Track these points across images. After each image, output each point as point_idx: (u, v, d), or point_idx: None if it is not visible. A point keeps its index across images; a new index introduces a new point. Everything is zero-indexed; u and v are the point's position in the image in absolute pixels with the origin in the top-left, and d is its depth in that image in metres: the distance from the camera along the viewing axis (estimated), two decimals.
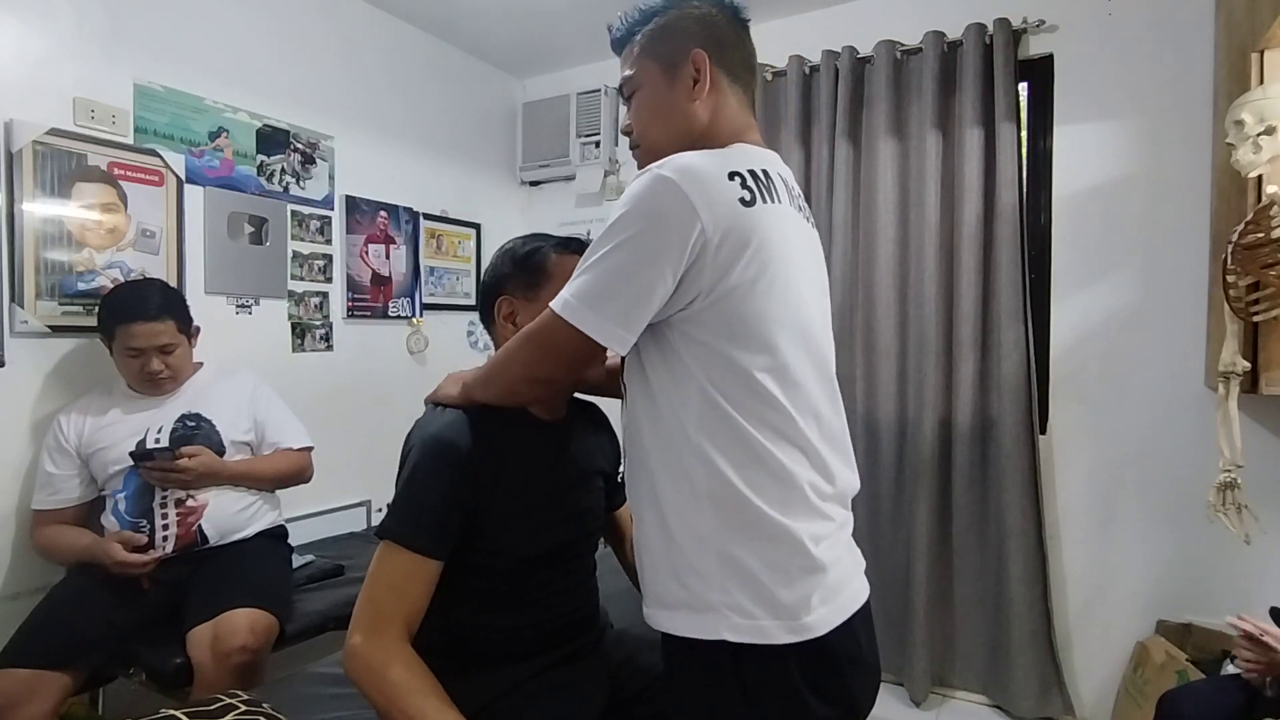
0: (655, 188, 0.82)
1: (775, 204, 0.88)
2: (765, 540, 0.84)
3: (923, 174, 2.35)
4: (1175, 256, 2.11)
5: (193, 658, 1.51)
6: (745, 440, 0.84)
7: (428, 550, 0.99)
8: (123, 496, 1.69)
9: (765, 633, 0.82)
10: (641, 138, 1.00)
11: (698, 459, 0.84)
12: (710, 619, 0.84)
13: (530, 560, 1.07)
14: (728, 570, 0.83)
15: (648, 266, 0.81)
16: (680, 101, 0.96)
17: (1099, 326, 2.22)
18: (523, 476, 1.06)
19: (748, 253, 0.82)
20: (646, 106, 0.99)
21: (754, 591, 0.83)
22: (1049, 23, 2.25)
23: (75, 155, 1.84)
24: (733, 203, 0.82)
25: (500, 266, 1.15)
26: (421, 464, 1.02)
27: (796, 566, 0.84)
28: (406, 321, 2.83)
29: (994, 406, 2.27)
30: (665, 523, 0.87)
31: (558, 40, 2.96)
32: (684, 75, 0.95)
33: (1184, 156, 2.09)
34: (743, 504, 0.83)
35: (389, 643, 0.95)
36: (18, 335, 1.76)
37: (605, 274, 0.83)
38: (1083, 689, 2.23)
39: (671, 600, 0.87)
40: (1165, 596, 2.12)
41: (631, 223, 0.82)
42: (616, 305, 0.82)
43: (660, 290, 0.82)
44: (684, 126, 0.96)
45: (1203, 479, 1.71)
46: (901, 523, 2.39)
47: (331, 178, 2.52)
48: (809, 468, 0.87)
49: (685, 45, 0.95)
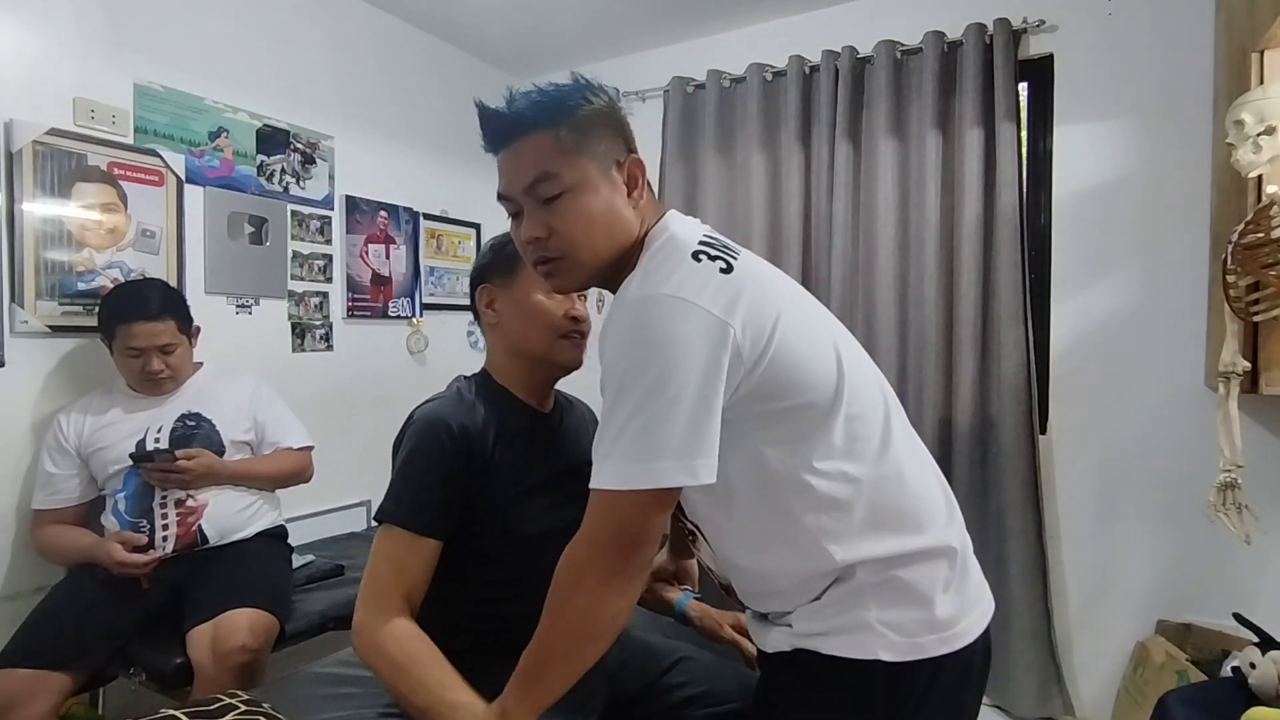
0: (655, 314, 0.76)
1: (739, 254, 0.85)
2: (915, 558, 0.83)
3: (923, 174, 2.35)
4: (1175, 256, 2.10)
5: (193, 658, 1.51)
6: (833, 501, 0.82)
7: (427, 530, 1.01)
8: (122, 496, 1.69)
9: (922, 648, 0.81)
10: (573, 248, 0.87)
11: (808, 537, 0.82)
12: (862, 638, 0.81)
13: (530, 540, 1.07)
14: (883, 589, 0.82)
15: (693, 391, 0.74)
16: (620, 208, 0.88)
17: (1099, 326, 2.22)
18: (519, 458, 1.08)
19: (763, 311, 0.79)
20: (584, 214, 0.86)
21: (910, 606, 0.82)
22: (1049, 23, 2.25)
23: (75, 155, 1.84)
24: (719, 278, 0.79)
25: (483, 259, 1.19)
26: (418, 446, 1.04)
27: (948, 588, 0.85)
28: (406, 321, 2.83)
29: (994, 406, 2.27)
30: (795, 571, 0.86)
31: (557, 40, 2.96)
32: (616, 179, 0.89)
33: (1184, 156, 2.09)
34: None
35: (391, 617, 0.98)
36: (18, 335, 1.76)
37: (659, 420, 0.74)
38: (1083, 689, 2.23)
39: (811, 625, 0.85)
40: (1165, 596, 2.12)
41: (652, 357, 0.75)
42: (688, 442, 0.75)
43: (718, 404, 0.76)
44: (624, 237, 0.88)
45: (1203, 479, 1.71)
46: None
47: (331, 178, 2.52)
48: (935, 481, 0.89)
49: (615, 147, 0.89)
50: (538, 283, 1.11)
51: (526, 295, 1.13)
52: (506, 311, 1.15)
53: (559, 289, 0.97)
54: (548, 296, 1.13)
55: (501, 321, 1.15)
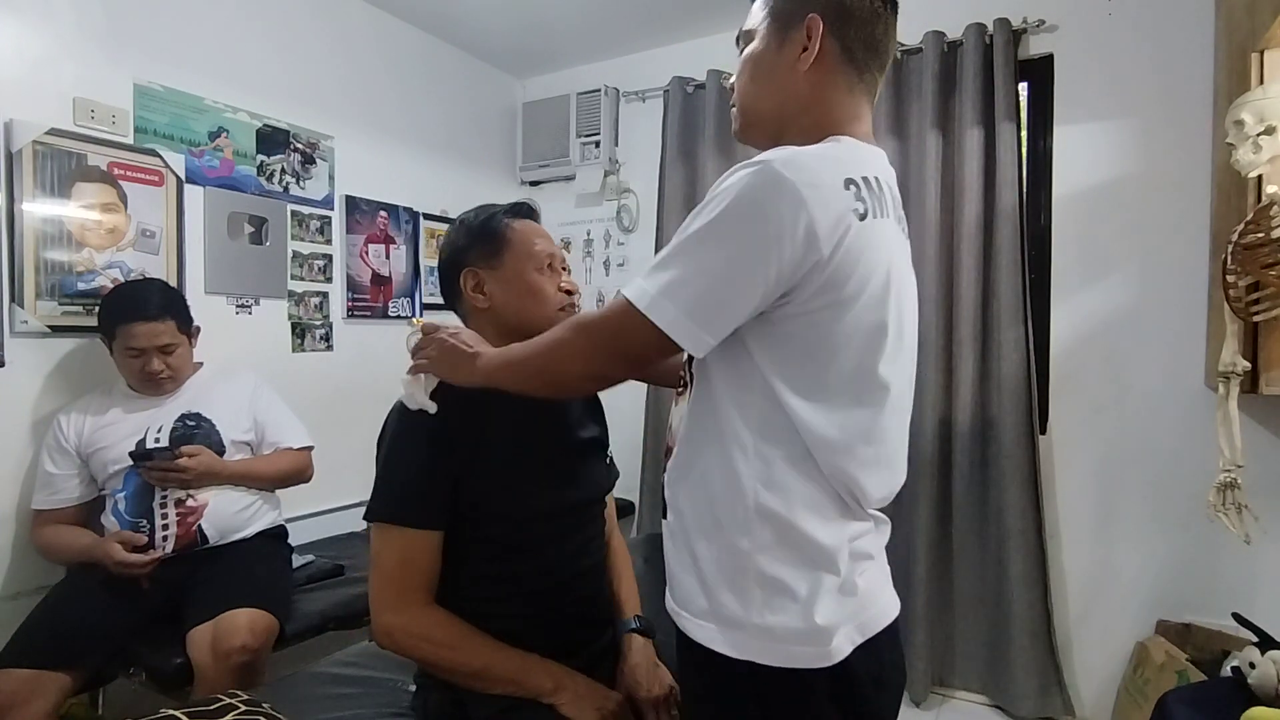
0: (769, 186, 0.72)
1: (884, 218, 0.80)
2: (808, 563, 0.79)
3: (922, 174, 2.35)
4: (1175, 256, 2.10)
5: (193, 658, 1.51)
6: (807, 453, 0.78)
7: (420, 522, 1.01)
8: (122, 496, 1.69)
9: (793, 657, 0.78)
10: (739, 95, 0.92)
11: (753, 466, 0.78)
12: (740, 637, 0.79)
13: (531, 523, 1.06)
14: (767, 592, 0.78)
15: (749, 274, 0.73)
16: (783, 67, 0.86)
17: (1099, 326, 2.22)
18: (509, 439, 1.06)
19: (852, 270, 0.75)
20: (750, 63, 0.90)
21: (788, 616, 0.78)
22: (1049, 23, 2.25)
23: (75, 155, 1.84)
24: (848, 214, 0.74)
25: (457, 240, 1.16)
26: (397, 439, 1.05)
27: (835, 591, 0.80)
28: (407, 321, 2.82)
29: (994, 406, 2.27)
30: (709, 525, 0.82)
31: (558, 40, 2.96)
32: (794, 39, 0.85)
33: (1184, 156, 2.09)
34: (792, 517, 0.78)
35: (420, 610, 1.00)
36: (18, 335, 1.76)
37: (698, 272, 0.74)
38: (1083, 689, 2.23)
39: (703, 609, 0.82)
40: (1165, 596, 2.12)
41: (737, 219, 0.73)
42: (706, 308, 0.74)
43: (757, 302, 0.74)
44: (781, 96, 0.87)
45: (1203, 479, 1.71)
46: (901, 523, 2.38)
47: (331, 178, 2.52)
48: (867, 491, 0.81)
49: (805, 7, 0.85)
50: (527, 260, 1.11)
51: (519, 275, 1.11)
52: (498, 293, 1.12)
53: (735, 135, 0.96)
54: (540, 272, 1.12)
55: (494, 305, 1.12)
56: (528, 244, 1.13)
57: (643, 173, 2.96)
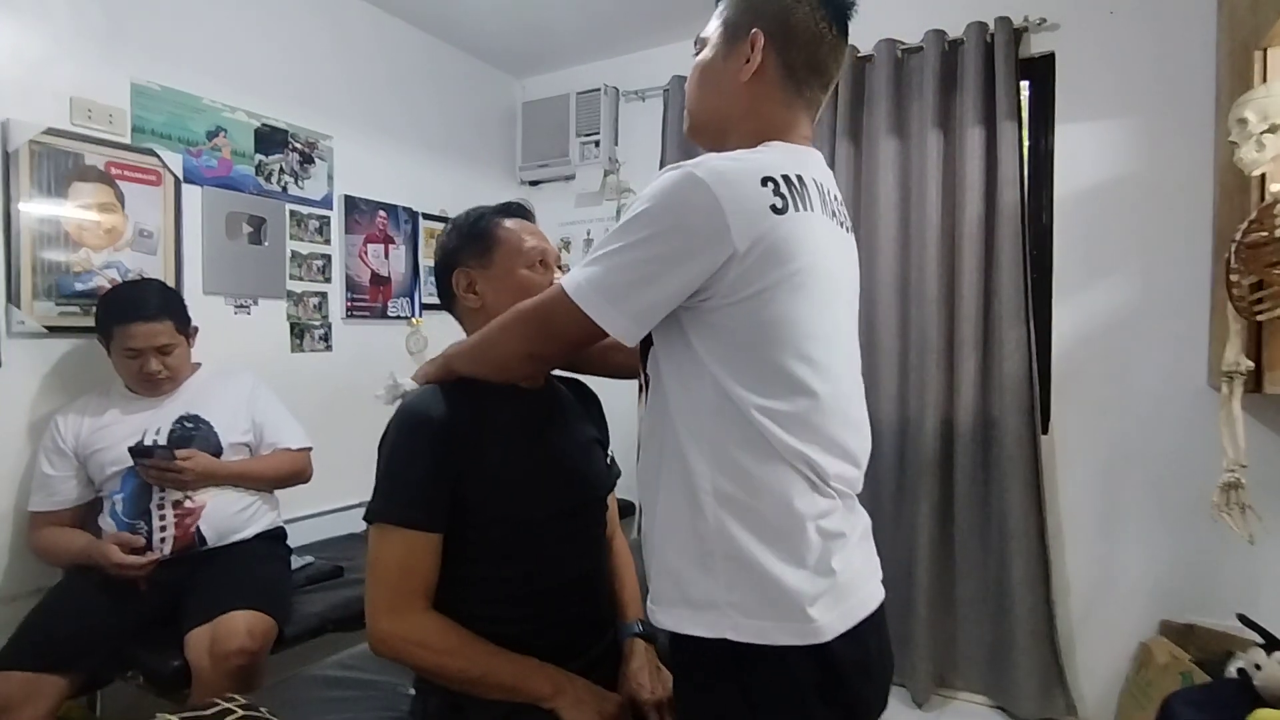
0: (686, 189, 0.79)
1: (807, 211, 0.84)
2: (772, 539, 0.81)
3: (924, 173, 2.34)
4: (1178, 256, 2.09)
5: (191, 660, 1.50)
6: (759, 435, 0.81)
7: (422, 524, 1.00)
8: (120, 498, 1.68)
9: (767, 633, 0.80)
10: (687, 98, 1.00)
11: (706, 452, 0.82)
12: (712, 616, 0.81)
13: (530, 526, 1.05)
14: (733, 567, 0.81)
15: (669, 269, 0.79)
16: (727, 76, 0.93)
17: (1101, 326, 2.21)
18: (508, 440, 1.06)
19: (776, 261, 0.80)
20: (699, 69, 0.97)
21: (759, 590, 0.80)
22: (1050, 21, 2.24)
23: (72, 155, 1.83)
24: (764, 211, 0.79)
25: (449, 242, 1.18)
26: (398, 440, 1.03)
27: (805, 567, 0.81)
28: (406, 321, 2.82)
29: (995, 406, 2.26)
30: (673, 515, 0.85)
31: (557, 39, 2.96)
32: (739, 51, 0.92)
33: (1186, 155, 2.08)
34: (752, 499, 0.81)
35: (417, 616, 0.99)
36: (14, 336, 1.75)
37: (623, 267, 0.81)
38: (1085, 690, 2.22)
39: (674, 596, 0.85)
40: (1168, 597, 2.11)
41: (657, 220, 0.80)
42: (630, 300, 0.81)
43: (678, 294, 0.81)
44: (723, 102, 0.94)
45: (1206, 479, 1.70)
46: (903, 523, 2.38)
47: (330, 177, 2.51)
48: (825, 468, 0.83)
49: (751, 21, 0.91)
50: (517, 258, 1.12)
51: (509, 273, 1.12)
52: (489, 293, 1.13)
53: (685, 135, 1.04)
54: (531, 270, 1.13)
55: (486, 304, 1.13)
56: (517, 242, 1.14)
57: (643, 172, 2.95)
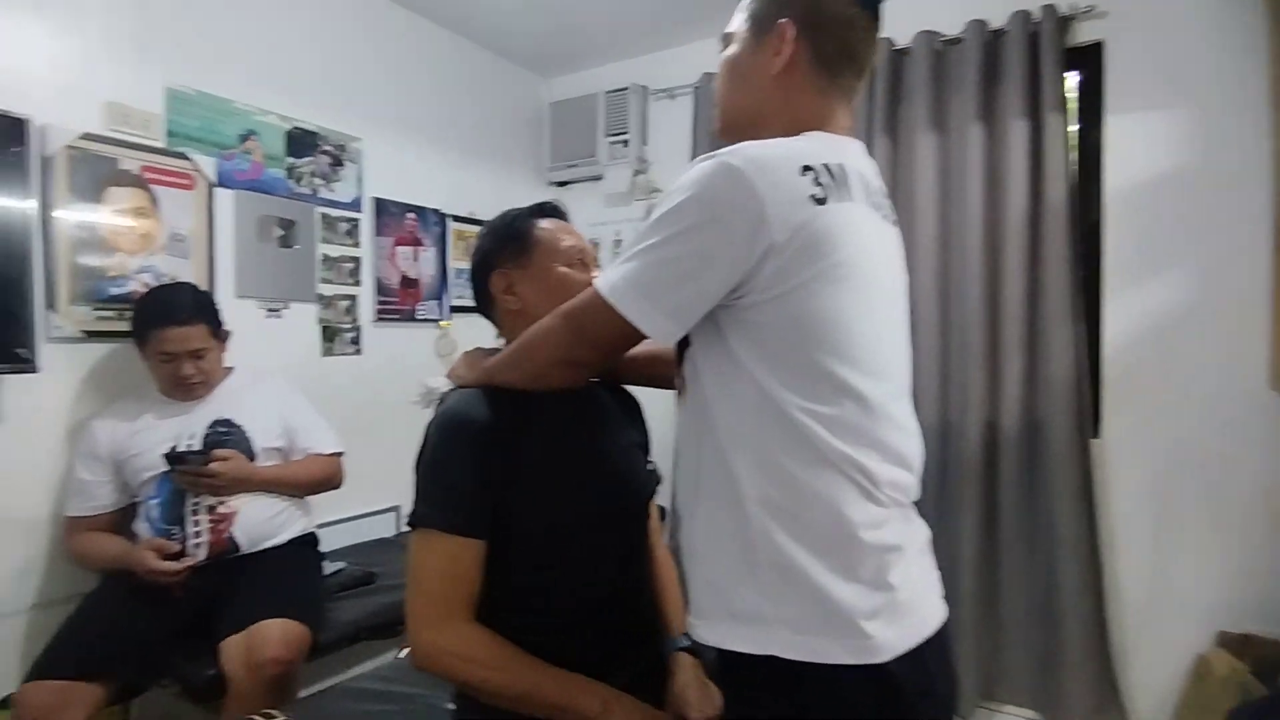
0: (721, 178, 0.76)
1: (849, 202, 0.80)
2: (823, 550, 0.76)
3: (964, 168, 2.27)
4: (1235, 251, 2.00)
5: (225, 669, 1.48)
6: (805, 439, 0.76)
7: (466, 530, 0.97)
8: (155, 503, 1.68)
9: (818, 651, 0.75)
10: (717, 96, 0.97)
11: (749, 457, 0.78)
12: (757, 631, 0.77)
13: (571, 530, 1.02)
14: (780, 579, 0.76)
15: (707, 263, 0.76)
16: (757, 70, 0.90)
17: (1154, 325, 2.12)
18: (551, 442, 1.03)
19: (816, 253, 0.76)
20: (728, 65, 0.94)
21: (809, 604, 0.75)
22: (1098, 8, 2.15)
23: (108, 160, 1.83)
24: (804, 200, 0.76)
25: (485, 244, 1.15)
26: (441, 444, 1.00)
27: (858, 581, 0.76)
28: (435, 324, 2.80)
29: (1042, 409, 2.18)
30: (715, 524, 0.82)
31: (584, 39, 2.93)
32: (768, 44, 0.89)
33: (1243, 145, 1.98)
34: (799, 507, 0.76)
35: (461, 627, 0.95)
36: (52, 340, 1.75)
37: (659, 264, 0.79)
38: (1140, 703, 2.13)
39: (717, 609, 0.81)
40: (1226, 608, 2.01)
41: (692, 213, 0.77)
42: (668, 298, 0.78)
43: (717, 290, 0.77)
44: (755, 98, 0.91)
45: (1264, 484, 1.62)
46: (945, 530, 2.30)
47: (360, 180, 2.50)
48: (877, 474, 0.79)
49: (778, 12, 0.88)
50: (555, 257, 1.10)
51: (548, 272, 1.10)
52: (529, 294, 1.10)
53: (715, 135, 0.99)
54: (570, 269, 1.10)
55: (525, 305, 1.10)
56: (554, 241, 1.12)
57: (672, 172, 2.89)
